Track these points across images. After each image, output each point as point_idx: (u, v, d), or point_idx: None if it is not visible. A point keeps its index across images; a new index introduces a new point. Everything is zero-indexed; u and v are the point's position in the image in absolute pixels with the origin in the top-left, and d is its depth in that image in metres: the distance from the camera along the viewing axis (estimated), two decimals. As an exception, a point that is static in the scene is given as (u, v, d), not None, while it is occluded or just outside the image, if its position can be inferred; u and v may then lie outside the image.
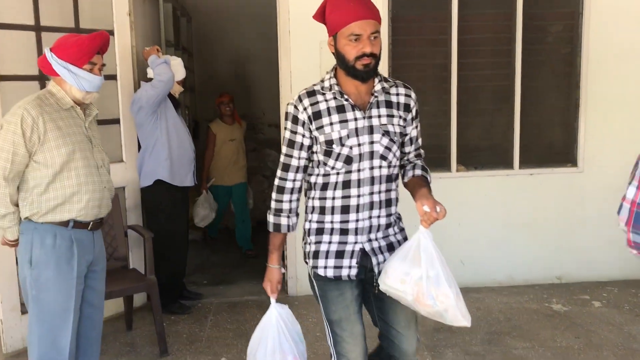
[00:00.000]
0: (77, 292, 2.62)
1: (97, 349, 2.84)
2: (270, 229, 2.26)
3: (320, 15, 2.16)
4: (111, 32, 3.89)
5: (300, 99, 2.17)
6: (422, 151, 2.38)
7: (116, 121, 4.06)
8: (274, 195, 2.25)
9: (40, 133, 2.51)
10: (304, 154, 2.20)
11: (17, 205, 2.58)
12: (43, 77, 3.61)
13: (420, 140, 2.36)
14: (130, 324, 3.97)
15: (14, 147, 2.49)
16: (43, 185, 2.54)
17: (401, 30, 4.45)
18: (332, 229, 2.21)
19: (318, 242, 2.23)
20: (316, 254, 2.23)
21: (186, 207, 4.30)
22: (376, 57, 2.09)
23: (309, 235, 2.26)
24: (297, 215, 2.26)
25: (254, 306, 4.35)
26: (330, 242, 2.21)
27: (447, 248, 4.50)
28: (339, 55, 2.10)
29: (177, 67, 4.16)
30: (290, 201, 2.23)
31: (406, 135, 2.28)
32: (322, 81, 2.20)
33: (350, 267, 2.19)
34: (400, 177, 2.32)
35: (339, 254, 2.20)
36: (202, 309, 4.32)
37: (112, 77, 3.95)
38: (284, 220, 2.23)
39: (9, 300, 3.57)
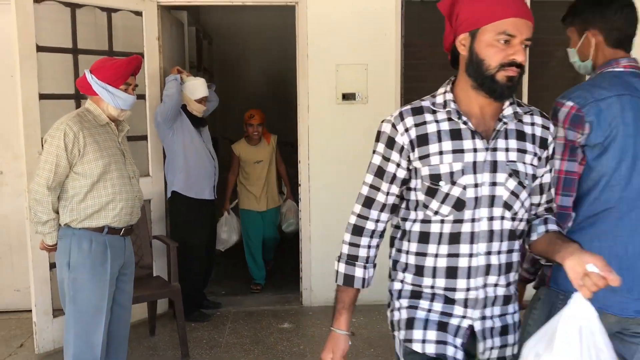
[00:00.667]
0: (109, 293, 2.85)
1: (125, 347, 3.07)
2: (339, 281, 1.72)
3: (449, 5, 1.65)
4: (141, 55, 4.16)
5: (401, 117, 1.64)
6: (554, 205, 1.80)
7: (144, 137, 4.33)
8: (347, 237, 1.72)
9: (80, 147, 2.77)
10: (394, 189, 1.66)
11: (57, 212, 2.83)
12: (79, 96, 3.89)
13: (553, 190, 1.78)
14: (153, 329, 4.19)
15: (57, 159, 2.74)
16: (82, 194, 2.79)
17: (413, 55, 4.69)
18: (433, 295, 1.65)
19: (413, 307, 1.67)
20: (410, 323, 1.66)
21: (208, 220, 4.50)
22: (523, 71, 1.59)
23: (398, 299, 1.71)
24: (375, 265, 1.75)
25: (269, 315, 4.55)
26: (430, 310, 1.65)
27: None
28: (474, 58, 1.57)
29: (194, 87, 4.34)
30: (369, 247, 1.71)
31: (537, 178, 1.69)
32: (434, 96, 1.68)
33: (455, 346, 1.62)
34: (525, 235, 1.72)
35: (442, 326, 1.63)
36: (221, 317, 4.53)
37: (141, 97, 4.22)
38: (358, 272, 1.70)
39: (42, 305, 3.81)
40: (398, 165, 1.64)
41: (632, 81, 1.93)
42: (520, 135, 1.65)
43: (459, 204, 1.59)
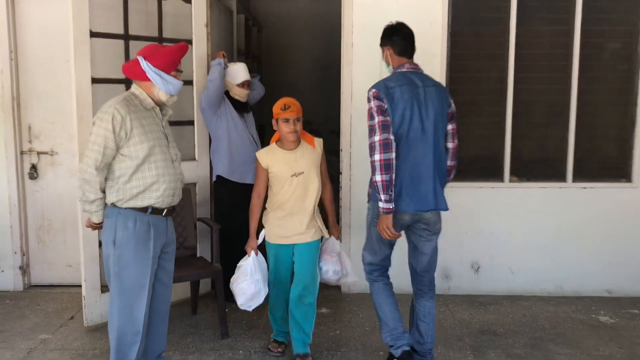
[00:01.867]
0: (152, 271, 2.98)
1: (166, 322, 3.20)
2: None
3: None
4: (189, 42, 4.28)
5: None
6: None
7: (191, 123, 4.45)
8: None
9: (127, 130, 2.88)
10: None
11: (104, 192, 2.96)
12: (129, 80, 4.03)
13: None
14: (195, 309, 4.33)
15: (105, 141, 2.87)
16: (127, 175, 2.91)
17: (460, 45, 4.64)
18: None
19: None
20: None
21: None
22: None
23: None
24: None
25: (308, 300, 4.62)
26: None
27: (498, 256, 4.72)
28: None
29: (235, 71, 4.41)
30: None
31: None
32: None
33: None
34: None
35: None
36: (261, 299, 4.63)
37: (189, 83, 4.34)
38: None
39: (91, 280, 3.99)
40: None
41: (411, 77, 3.21)
42: None
43: None
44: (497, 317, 4.33)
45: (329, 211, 3.74)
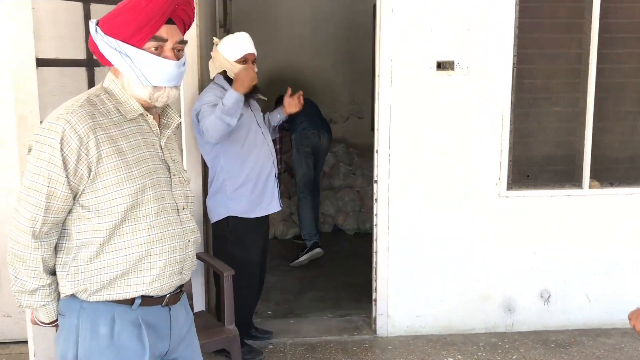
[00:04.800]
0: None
1: None
2: None
3: None
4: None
5: None
6: None
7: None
8: None
9: (91, 161, 1.59)
10: None
11: (53, 273, 1.70)
12: (92, 62, 2.77)
13: None
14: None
15: (50, 185, 1.57)
16: (95, 244, 1.63)
17: (531, 12, 3.54)
18: None
19: None
20: None
21: (263, 233, 3.42)
22: None
23: None
24: None
25: (338, 350, 3.51)
26: None
27: (571, 280, 3.72)
28: None
29: (234, 44, 3.24)
30: None
31: None
32: None
33: None
34: None
35: None
36: (276, 353, 3.48)
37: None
38: None
39: (43, 356, 2.76)
40: None
41: None
42: None
43: None
44: (588, 368, 3.34)
45: None
